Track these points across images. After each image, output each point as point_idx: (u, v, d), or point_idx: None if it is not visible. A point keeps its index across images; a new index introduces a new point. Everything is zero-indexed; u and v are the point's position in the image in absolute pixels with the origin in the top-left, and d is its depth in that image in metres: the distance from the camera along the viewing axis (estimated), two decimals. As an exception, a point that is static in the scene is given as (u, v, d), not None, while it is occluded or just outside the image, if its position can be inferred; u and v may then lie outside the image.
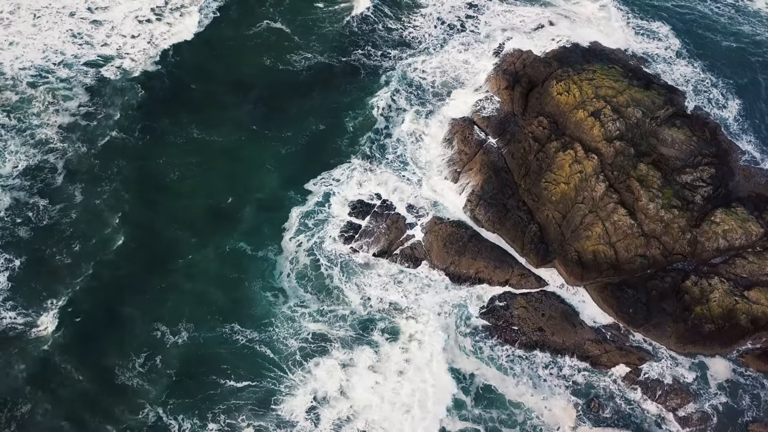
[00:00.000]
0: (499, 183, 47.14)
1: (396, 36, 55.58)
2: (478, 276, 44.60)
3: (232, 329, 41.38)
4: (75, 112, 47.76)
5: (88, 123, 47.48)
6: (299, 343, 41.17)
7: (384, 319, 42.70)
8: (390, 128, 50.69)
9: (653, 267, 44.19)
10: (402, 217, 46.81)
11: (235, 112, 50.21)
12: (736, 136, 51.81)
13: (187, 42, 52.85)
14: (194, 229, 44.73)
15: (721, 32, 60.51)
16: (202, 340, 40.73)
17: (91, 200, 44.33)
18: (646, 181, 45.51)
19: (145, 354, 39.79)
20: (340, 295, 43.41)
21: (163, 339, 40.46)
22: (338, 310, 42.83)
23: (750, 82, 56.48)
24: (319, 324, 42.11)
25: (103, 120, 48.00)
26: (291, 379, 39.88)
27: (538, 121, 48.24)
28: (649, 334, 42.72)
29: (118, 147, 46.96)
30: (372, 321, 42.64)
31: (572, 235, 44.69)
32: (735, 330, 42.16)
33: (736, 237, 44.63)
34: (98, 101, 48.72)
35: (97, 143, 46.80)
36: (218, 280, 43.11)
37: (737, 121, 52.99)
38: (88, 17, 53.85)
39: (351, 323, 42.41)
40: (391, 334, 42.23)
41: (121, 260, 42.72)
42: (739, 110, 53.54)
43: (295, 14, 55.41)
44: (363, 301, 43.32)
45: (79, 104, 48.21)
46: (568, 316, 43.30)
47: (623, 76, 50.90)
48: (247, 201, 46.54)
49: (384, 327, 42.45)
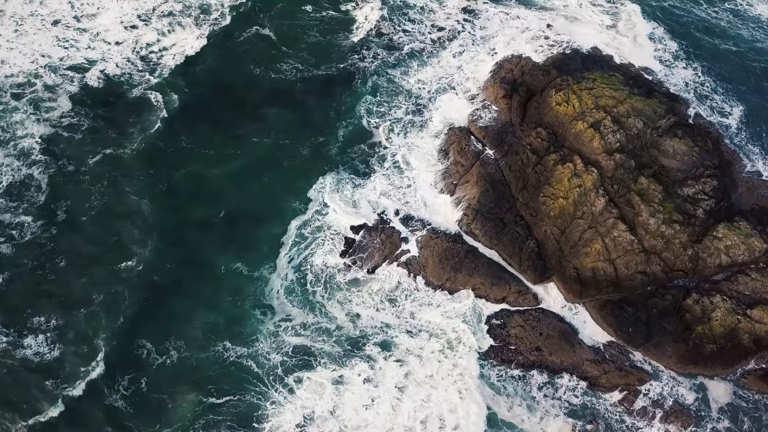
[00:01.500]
0: (497, 196, 45.94)
1: (390, 42, 53.94)
2: (475, 293, 43.49)
3: (224, 347, 40.46)
4: (56, 123, 46.23)
5: (71, 135, 45.97)
6: (282, 357, 40.15)
7: (375, 336, 41.63)
8: (383, 138, 49.32)
9: (654, 284, 43.12)
10: (397, 231, 45.63)
11: (229, 121, 48.74)
12: (738, 145, 50.62)
13: (177, 51, 51.17)
14: (186, 247, 43.43)
15: (720, 36, 59.18)
16: (191, 360, 39.74)
17: (76, 216, 42.97)
18: (647, 195, 44.33)
19: (129, 375, 38.76)
20: (330, 312, 42.27)
21: (148, 359, 39.44)
22: (330, 326, 41.73)
23: (752, 89, 55.20)
24: (307, 340, 41.02)
25: (87, 131, 46.54)
26: (276, 397, 38.82)
27: (537, 132, 46.96)
28: (649, 354, 41.73)
29: (103, 160, 45.48)
30: (363, 337, 41.55)
31: (571, 251, 43.57)
32: (737, 350, 41.20)
33: (738, 253, 43.54)
34: (81, 110, 47.13)
35: (81, 155, 45.34)
36: (210, 299, 42.05)
37: (740, 131, 51.82)
38: (74, 24, 52.23)
39: (339, 339, 41.29)
40: (383, 348, 41.23)
41: (111, 278, 41.51)
42: (741, 119, 52.34)
43: (285, 20, 53.57)
44: (352, 318, 42.20)
45: (61, 114, 46.69)
46: (566, 335, 42.27)
47: (624, 84, 49.59)
48: (242, 214, 45.21)
49: (376, 343, 41.44)
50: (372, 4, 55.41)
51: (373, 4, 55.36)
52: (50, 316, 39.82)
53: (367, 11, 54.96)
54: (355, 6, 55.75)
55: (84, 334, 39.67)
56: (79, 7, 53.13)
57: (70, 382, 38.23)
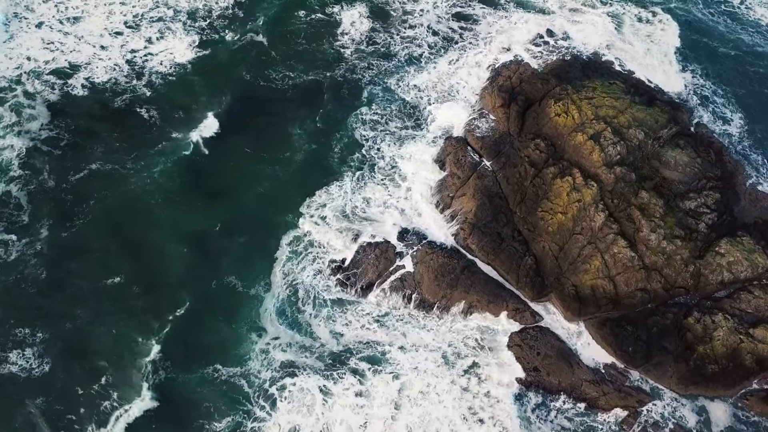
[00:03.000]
0: (494, 210, 44.76)
1: (384, 49, 52.49)
2: (471, 310, 42.47)
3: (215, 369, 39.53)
4: (36, 136, 44.75)
5: (51, 149, 44.50)
6: (271, 374, 39.20)
7: (367, 354, 40.67)
8: (378, 149, 48.06)
9: (654, 301, 42.10)
10: (391, 246, 44.45)
11: (219, 132, 47.37)
12: (741, 155, 49.50)
13: (165, 58, 49.67)
14: (179, 264, 42.17)
15: (719, 40, 57.85)
16: (179, 380, 38.76)
17: (58, 233, 41.69)
18: (648, 209, 43.21)
19: (117, 395, 37.71)
20: (318, 332, 41.20)
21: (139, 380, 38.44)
22: (317, 345, 40.77)
23: (754, 96, 53.98)
24: (296, 358, 40.07)
25: (72, 140, 45.13)
26: (261, 415, 37.94)
27: (535, 144, 45.71)
28: (649, 375, 40.79)
29: (91, 173, 44.15)
30: (352, 355, 40.58)
31: (569, 267, 42.49)
32: (739, 370, 40.24)
33: (741, 269, 42.50)
34: (62, 121, 45.65)
35: (64, 168, 43.95)
36: (201, 318, 40.99)
37: (742, 140, 50.67)
38: (59, 28, 50.68)
39: (323, 356, 40.35)
40: (372, 364, 40.35)
41: (98, 297, 40.38)
42: (744, 128, 51.15)
43: (278, 27, 52.10)
44: (340, 337, 41.21)
45: (41, 125, 45.19)
46: (564, 354, 41.29)
47: (625, 93, 48.35)
48: (236, 228, 43.98)
49: (370, 362, 40.49)
50: (360, 9, 53.68)
51: (361, 10, 53.65)
52: (36, 331, 38.78)
53: (357, 17, 53.30)
54: (342, 9, 53.94)
55: (72, 350, 38.73)
56: (63, 11, 51.62)
57: (62, 397, 37.26)
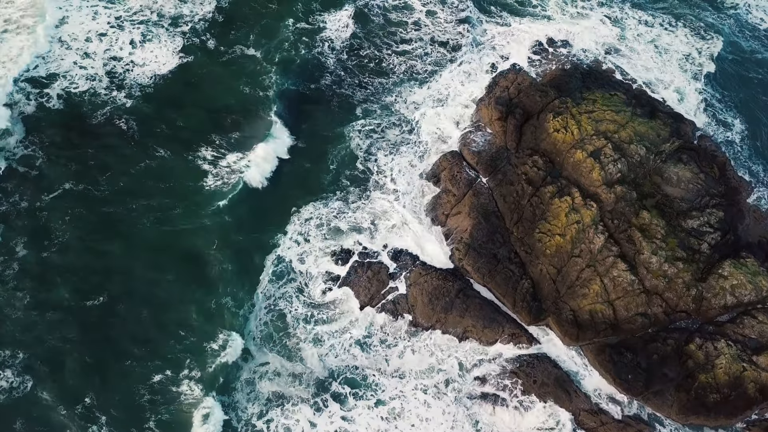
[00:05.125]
0: (490, 229, 43.28)
1: (380, 60, 50.55)
2: (466, 335, 41.20)
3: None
4: (10, 155, 42.97)
5: (27, 170, 42.70)
6: (259, 408, 38.01)
7: (353, 379, 39.54)
8: (369, 164, 46.48)
9: (654, 326, 40.83)
10: (384, 266, 43.06)
11: (205, 146, 45.59)
12: (745, 169, 48.03)
13: (148, 68, 47.65)
14: (160, 285, 40.57)
15: (726, 45, 56.17)
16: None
17: (37, 255, 40.02)
18: (649, 230, 41.76)
19: (104, 419, 36.34)
20: (307, 358, 39.90)
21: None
22: (306, 372, 39.55)
23: (757, 103, 52.42)
24: (284, 388, 38.89)
25: (54, 157, 43.37)
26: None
27: (533, 160, 44.11)
28: (649, 403, 39.63)
29: (71, 191, 42.36)
30: (340, 381, 39.46)
31: (568, 291, 41.13)
32: (742, 400, 39.04)
33: (745, 293, 41.16)
34: (36, 136, 43.83)
35: (42, 188, 42.23)
36: (186, 340, 39.62)
37: (748, 153, 49.14)
38: (43, 33, 48.47)
39: (313, 384, 39.19)
40: (360, 389, 39.29)
41: (79, 318, 38.81)
42: (749, 140, 49.62)
43: (262, 38, 49.87)
44: (328, 362, 39.98)
45: (17, 140, 43.38)
46: (562, 382, 40.08)
47: (626, 105, 46.69)
48: (220, 249, 42.14)
49: (352, 386, 39.47)
50: (350, 21, 51.70)
51: (351, 21, 51.67)
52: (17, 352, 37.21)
53: (347, 28, 51.24)
54: (331, 19, 51.93)
55: (53, 371, 37.24)
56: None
57: (43, 420, 35.79)
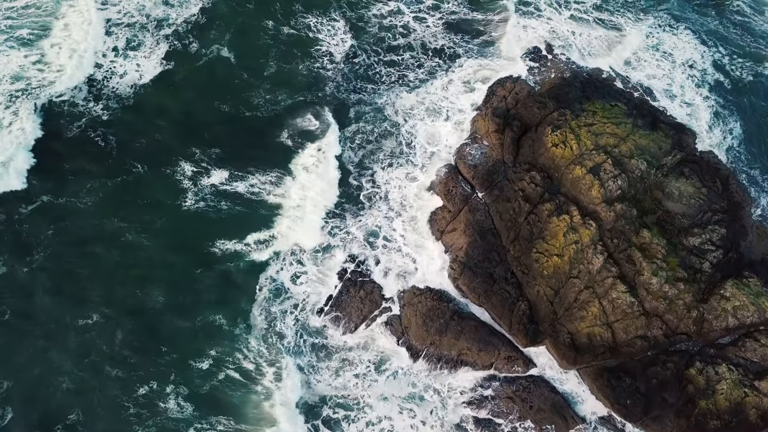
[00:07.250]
0: (486, 247, 42.11)
1: (369, 68, 48.83)
2: (461, 359, 40.21)
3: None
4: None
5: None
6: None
7: (346, 404, 38.80)
8: (363, 178, 45.13)
9: (654, 348, 39.80)
10: (377, 286, 41.95)
11: (190, 161, 44.16)
12: (750, 183, 46.68)
13: (127, 79, 45.60)
14: (150, 302, 39.54)
15: (731, 50, 54.53)
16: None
17: (18, 270, 38.84)
18: (649, 249, 40.54)
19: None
20: (298, 377, 39.03)
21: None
22: (302, 397, 38.70)
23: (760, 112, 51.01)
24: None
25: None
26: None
27: (530, 176, 42.77)
28: (648, 429, 38.78)
29: (50, 207, 40.97)
30: (332, 406, 38.70)
31: (565, 313, 40.05)
32: (743, 426, 38.13)
33: (747, 315, 40.06)
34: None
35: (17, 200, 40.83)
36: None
37: (751, 165, 47.79)
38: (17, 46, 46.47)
39: (303, 407, 38.38)
40: (353, 412, 38.58)
41: (65, 336, 37.80)
42: (753, 151, 48.22)
43: (248, 41, 47.90)
44: (321, 387, 39.15)
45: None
46: (559, 408, 39.20)
47: (627, 116, 45.16)
48: (211, 267, 41.17)
49: (345, 410, 38.75)
50: (339, 24, 49.92)
51: (340, 24, 49.84)
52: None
53: (336, 32, 49.46)
54: (316, 23, 50.13)
55: (37, 395, 36.50)
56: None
57: None
